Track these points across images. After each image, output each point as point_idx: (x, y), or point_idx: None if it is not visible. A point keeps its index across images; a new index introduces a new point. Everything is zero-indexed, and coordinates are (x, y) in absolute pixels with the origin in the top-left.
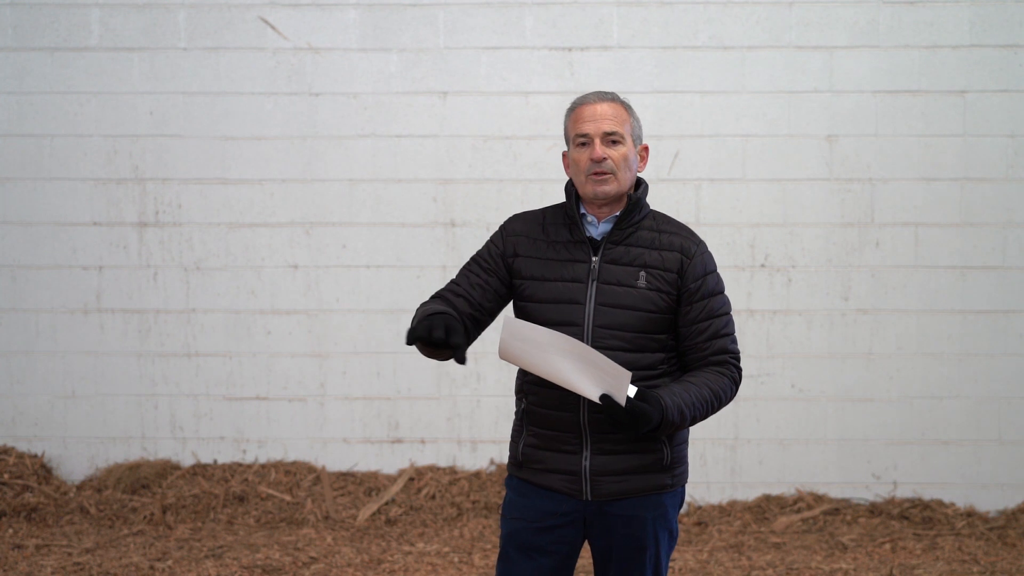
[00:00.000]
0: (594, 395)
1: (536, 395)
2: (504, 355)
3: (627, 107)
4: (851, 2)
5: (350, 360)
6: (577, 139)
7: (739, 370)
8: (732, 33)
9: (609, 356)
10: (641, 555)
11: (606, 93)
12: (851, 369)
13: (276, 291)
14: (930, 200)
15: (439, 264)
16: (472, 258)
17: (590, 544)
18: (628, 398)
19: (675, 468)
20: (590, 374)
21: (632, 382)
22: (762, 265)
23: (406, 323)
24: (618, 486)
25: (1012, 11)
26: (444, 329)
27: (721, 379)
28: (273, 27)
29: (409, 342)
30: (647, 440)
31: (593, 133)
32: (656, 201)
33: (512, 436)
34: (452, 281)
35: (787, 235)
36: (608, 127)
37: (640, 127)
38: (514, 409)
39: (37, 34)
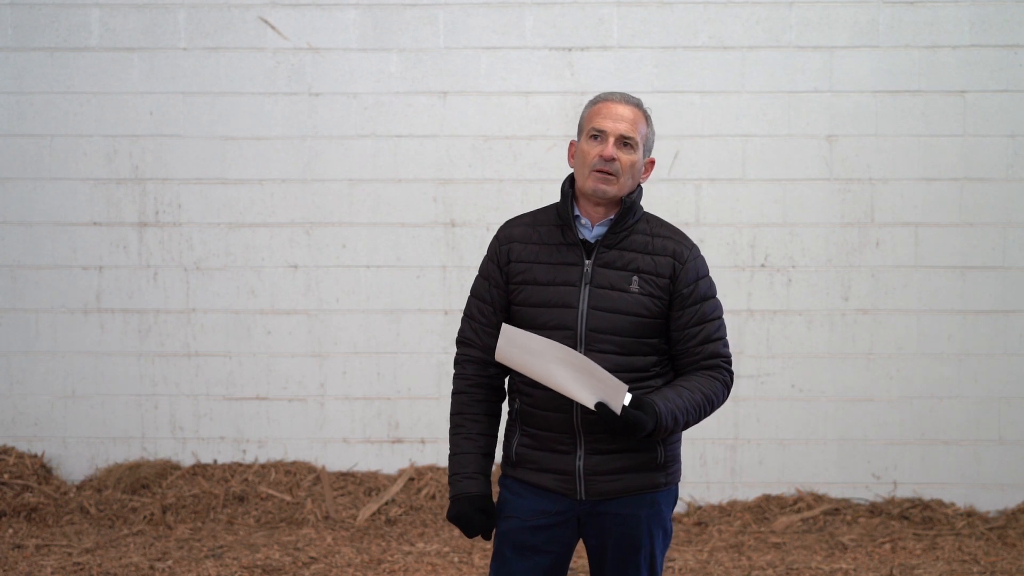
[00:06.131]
0: (590, 402)
1: (529, 396)
2: (500, 360)
3: (647, 117)
4: (851, 2)
5: (350, 360)
6: (591, 131)
7: (731, 374)
8: (732, 33)
9: (602, 359)
10: (636, 554)
11: (632, 97)
12: (851, 369)
13: (276, 291)
14: (930, 200)
15: (439, 264)
16: (477, 279)
17: (585, 544)
18: (623, 406)
19: (669, 467)
20: (586, 382)
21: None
22: (762, 265)
23: (406, 323)
24: (612, 485)
25: (1012, 11)
26: (480, 527)
27: (713, 383)
28: (273, 27)
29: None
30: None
31: (610, 131)
32: (656, 201)
33: (505, 435)
34: (469, 316)
35: (787, 235)
36: (626, 130)
37: (653, 140)
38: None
39: (37, 34)
